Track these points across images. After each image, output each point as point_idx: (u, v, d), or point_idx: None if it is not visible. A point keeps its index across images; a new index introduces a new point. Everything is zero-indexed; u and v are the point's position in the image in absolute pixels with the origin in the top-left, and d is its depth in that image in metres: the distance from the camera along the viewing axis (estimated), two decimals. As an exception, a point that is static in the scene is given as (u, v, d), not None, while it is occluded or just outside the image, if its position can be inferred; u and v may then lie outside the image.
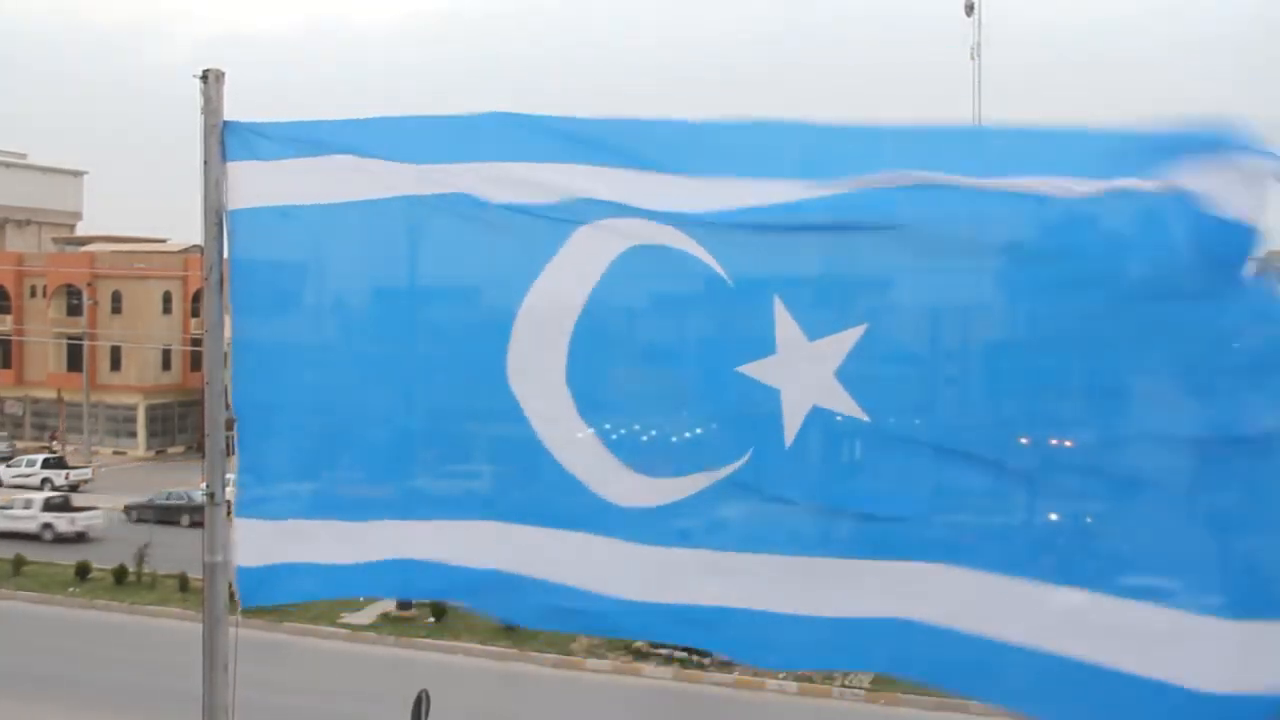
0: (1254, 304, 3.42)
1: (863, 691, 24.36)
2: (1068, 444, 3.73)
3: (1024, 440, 3.76)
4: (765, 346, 3.91)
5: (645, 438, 4.17)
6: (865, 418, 3.83)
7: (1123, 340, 3.57)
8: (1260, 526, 3.50)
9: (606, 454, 4.09)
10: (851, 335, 3.82)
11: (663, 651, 25.94)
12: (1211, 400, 3.50)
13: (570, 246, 4.05)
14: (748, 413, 3.99)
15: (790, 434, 3.90)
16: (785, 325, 3.88)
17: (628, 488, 4.06)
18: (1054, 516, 3.78)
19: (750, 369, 3.94)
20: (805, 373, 3.86)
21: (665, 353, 4.30)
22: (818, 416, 3.87)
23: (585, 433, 4.10)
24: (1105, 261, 3.56)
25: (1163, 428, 3.57)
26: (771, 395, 3.91)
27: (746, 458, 3.97)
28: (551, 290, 4.07)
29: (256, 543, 4.25)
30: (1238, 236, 3.37)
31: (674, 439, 4.16)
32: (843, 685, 24.65)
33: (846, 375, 3.82)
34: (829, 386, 3.84)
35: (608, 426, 4.11)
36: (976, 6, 49.21)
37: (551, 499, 4.16)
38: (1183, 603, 3.51)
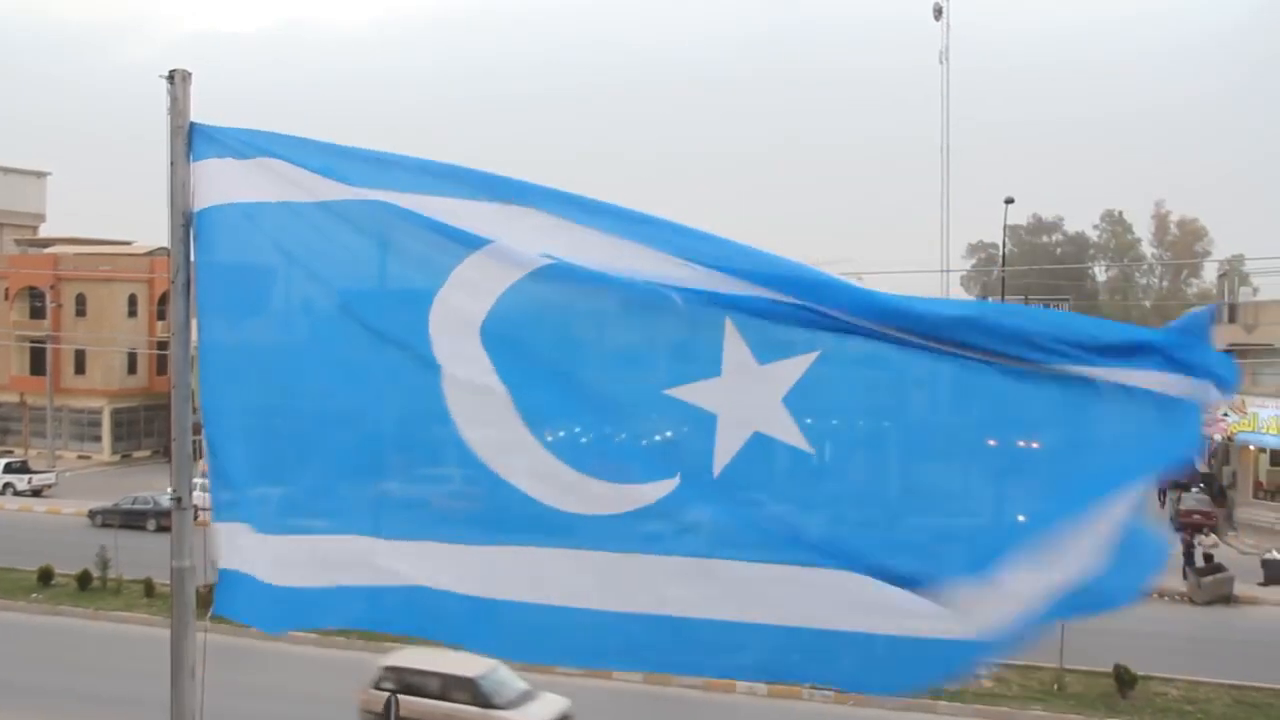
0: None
1: (832, 693, 24.45)
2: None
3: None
4: (711, 367, 3.84)
5: (585, 440, 4.08)
6: (809, 449, 3.80)
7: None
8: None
9: (553, 459, 4.01)
10: (803, 361, 3.78)
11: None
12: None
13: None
14: (676, 437, 3.93)
15: (721, 461, 3.83)
16: (734, 348, 3.82)
17: (581, 495, 3.99)
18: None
19: (683, 392, 3.86)
20: (751, 396, 3.80)
21: (600, 367, 4.14)
22: (758, 442, 3.81)
23: (527, 439, 4.02)
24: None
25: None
26: (707, 420, 3.84)
27: (676, 479, 3.90)
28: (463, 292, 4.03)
29: (237, 547, 4.21)
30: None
31: (621, 447, 4.06)
32: (812, 688, 24.74)
33: (793, 402, 3.78)
34: (776, 414, 3.78)
35: (546, 433, 4.03)
36: (945, 11, 49.60)
37: (497, 514, 4.10)
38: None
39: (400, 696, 19.03)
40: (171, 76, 4.13)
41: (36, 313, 63.18)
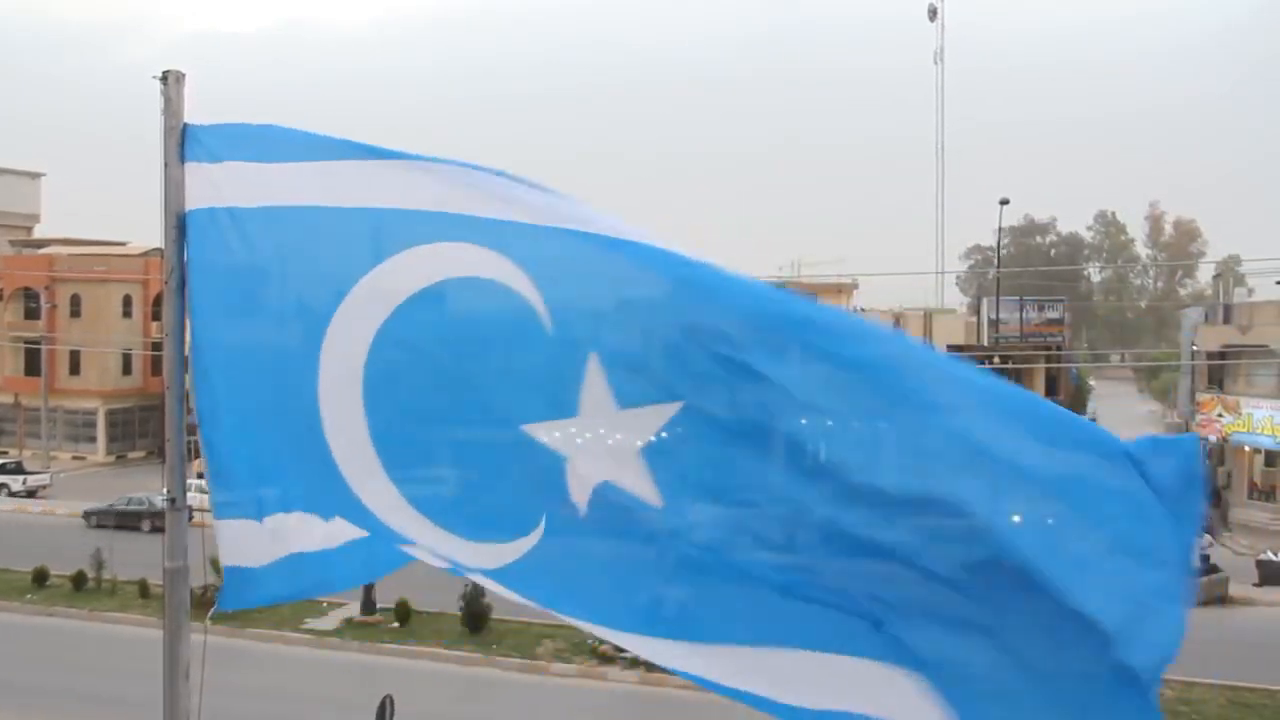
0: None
1: (828, 693, 24.45)
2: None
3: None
4: (566, 407, 3.62)
5: (449, 494, 3.93)
6: (659, 503, 3.54)
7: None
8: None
9: (416, 513, 3.91)
10: (666, 410, 3.52)
11: (628, 655, 25.94)
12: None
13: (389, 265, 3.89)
14: (534, 477, 3.71)
15: (581, 505, 3.64)
16: (596, 387, 3.57)
17: (453, 551, 3.90)
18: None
19: (538, 430, 3.65)
20: (603, 442, 3.58)
21: (454, 399, 3.93)
22: (607, 491, 3.58)
23: (387, 486, 3.91)
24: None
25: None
26: (556, 462, 3.64)
27: (542, 524, 3.74)
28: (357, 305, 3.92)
29: (239, 542, 4.22)
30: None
31: (481, 499, 3.90)
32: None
33: (651, 454, 3.52)
34: (629, 463, 3.54)
35: (411, 482, 3.91)
36: (940, 12, 49.69)
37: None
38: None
39: None
40: (165, 78, 4.13)
41: (31, 313, 63.06)
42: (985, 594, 3.33)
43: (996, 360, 48.66)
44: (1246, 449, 48.48)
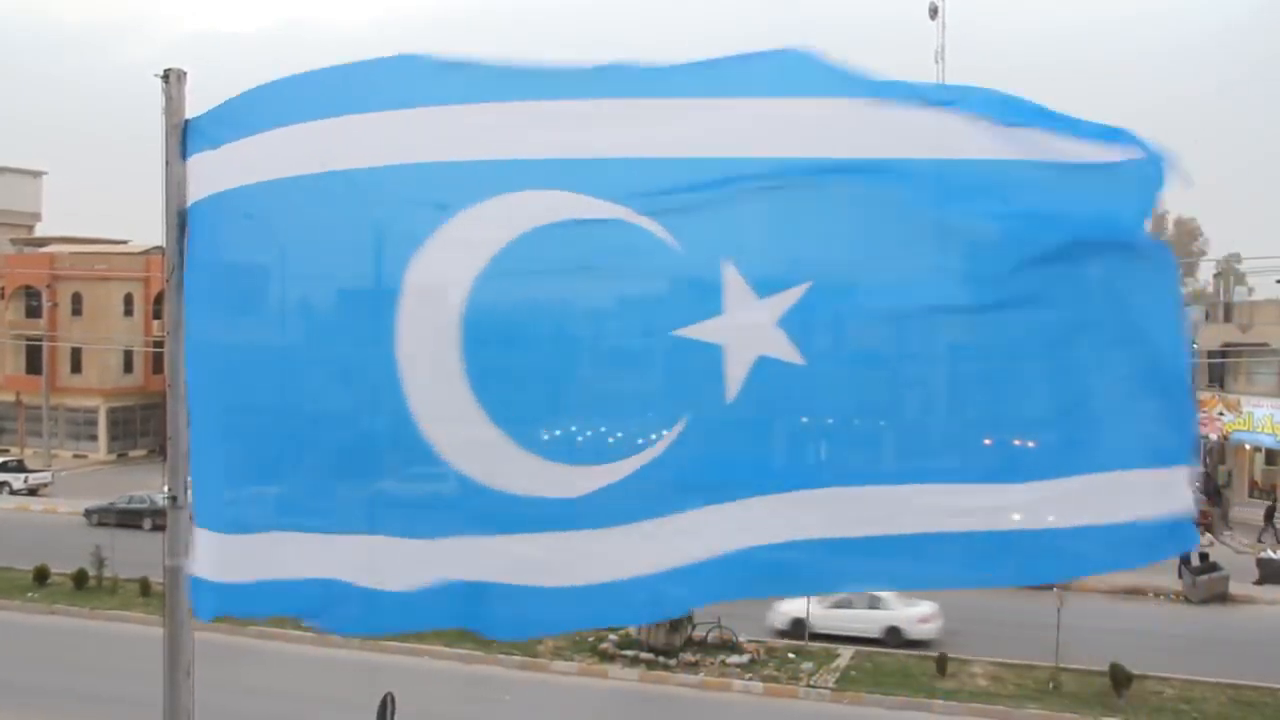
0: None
1: (828, 691, 24.48)
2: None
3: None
4: (712, 308, 3.92)
5: (564, 431, 4.09)
6: (802, 362, 3.91)
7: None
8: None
9: (522, 453, 4.00)
10: (797, 291, 3.89)
11: (629, 653, 25.95)
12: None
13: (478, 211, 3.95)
14: (684, 377, 4.00)
15: (733, 388, 3.92)
16: (735, 286, 3.90)
17: (549, 480, 4.00)
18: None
19: (691, 331, 3.92)
20: (750, 326, 3.90)
21: (586, 326, 4.17)
22: (763, 365, 3.91)
23: (493, 433, 3.98)
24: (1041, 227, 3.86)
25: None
26: (713, 352, 3.92)
27: (683, 424, 3.98)
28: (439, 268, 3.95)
29: (210, 555, 4.17)
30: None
31: (601, 428, 4.09)
32: (808, 685, 24.76)
33: (789, 324, 3.89)
34: (772, 335, 3.89)
35: (522, 425, 4.02)
36: (940, 11, 49.66)
37: (461, 509, 4.08)
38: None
39: None
40: (166, 76, 4.12)
41: (32, 312, 63.06)
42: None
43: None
44: (1247, 447, 48.45)
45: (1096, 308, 3.89)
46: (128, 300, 63.45)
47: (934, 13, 49.72)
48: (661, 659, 25.59)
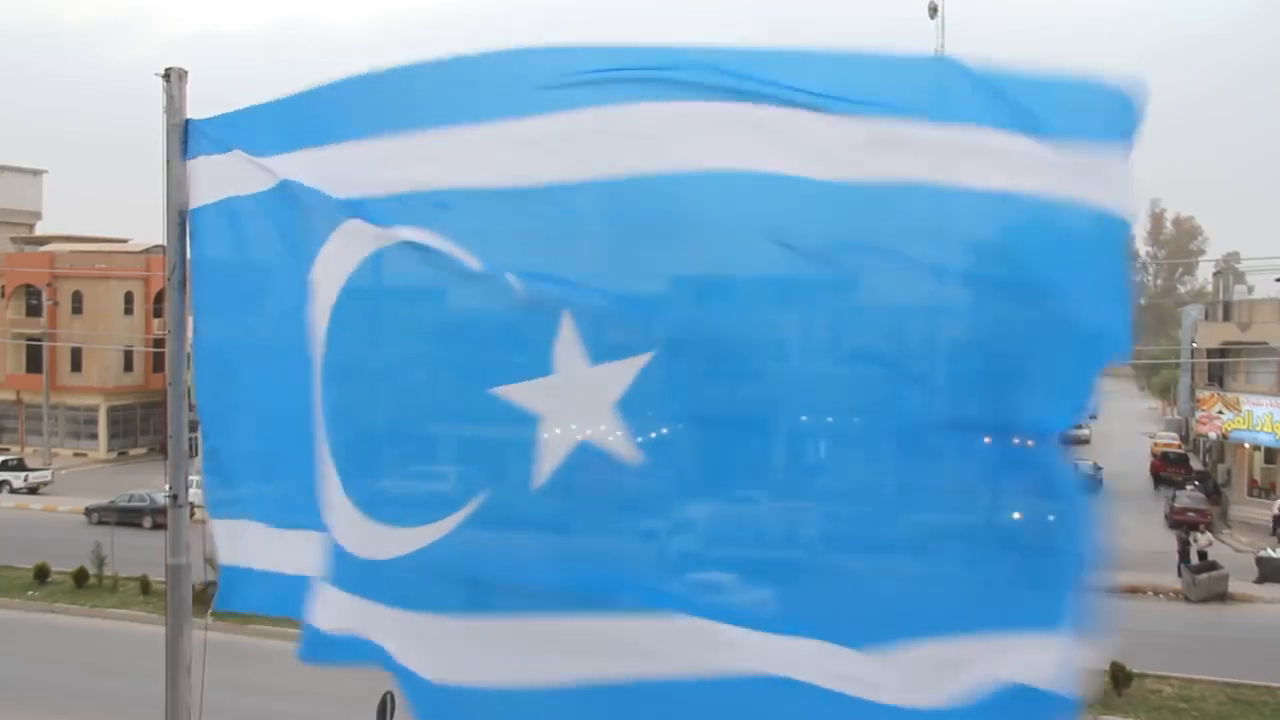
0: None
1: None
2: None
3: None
4: (541, 367, 3.44)
5: (384, 483, 3.81)
6: (637, 457, 3.36)
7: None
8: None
9: (348, 503, 3.79)
10: (636, 363, 3.35)
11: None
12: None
13: (328, 247, 3.79)
14: (495, 443, 3.59)
15: (543, 470, 3.44)
16: (568, 344, 3.40)
17: (367, 538, 3.76)
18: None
19: (510, 391, 3.48)
20: (580, 401, 3.40)
21: (411, 372, 3.85)
22: (584, 452, 3.41)
23: (330, 468, 3.83)
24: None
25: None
26: (528, 422, 3.46)
27: (483, 497, 3.58)
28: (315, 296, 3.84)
29: (233, 542, 4.21)
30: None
31: (415, 480, 3.77)
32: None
33: (626, 408, 3.35)
34: (605, 418, 3.37)
35: (351, 471, 3.81)
36: (940, 10, 49.67)
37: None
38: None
39: None
40: (168, 75, 4.14)
41: (33, 310, 63.03)
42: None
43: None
44: (1246, 446, 48.45)
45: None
46: (128, 299, 63.42)
47: (934, 12, 49.72)
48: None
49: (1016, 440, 3.12)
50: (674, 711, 3.37)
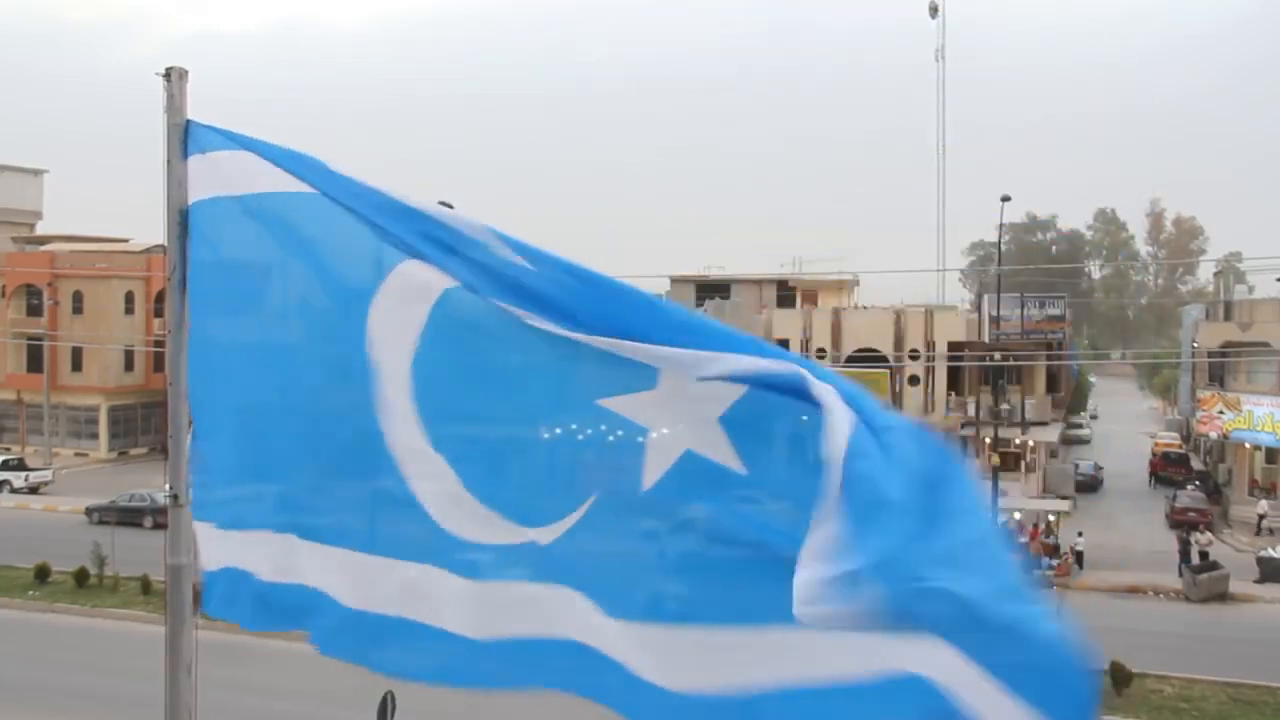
0: None
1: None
2: None
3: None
4: (646, 380, 3.50)
5: (499, 475, 3.85)
6: (743, 470, 3.41)
7: None
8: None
9: (460, 488, 3.83)
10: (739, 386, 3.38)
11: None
12: None
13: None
14: (603, 452, 3.64)
15: (651, 477, 3.51)
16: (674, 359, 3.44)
17: (478, 525, 3.81)
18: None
19: (616, 403, 3.56)
20: (684, 413, 3.47)
21: (519, 379, 3.84)
22: (689, 461, 3.46)
23: (437, 461, 3.86)
24: None
25: None
26: (638, 433, 3.53)
27: (591, 502, 3.65)
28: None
29: (214, 548, 4.19)
30: None
31: (526, 479, 3.82)
32: None
33: (730, 423, 3.40)
34: (709, 432, 3.44)
35: (459, 458, 3.84)
36: (941, 9, 49.68)
37: (404, 532, 3.96)
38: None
39: None
40: (168, 74, 4.13)
41: (33, 310, 63.10)
42: None
43: (998, 357, 48.66)
44: (1247, 446, 48.49)
45: None
46: (129, 298, 63.48)
47: (934, 12, 49.75)
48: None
49: None
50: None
